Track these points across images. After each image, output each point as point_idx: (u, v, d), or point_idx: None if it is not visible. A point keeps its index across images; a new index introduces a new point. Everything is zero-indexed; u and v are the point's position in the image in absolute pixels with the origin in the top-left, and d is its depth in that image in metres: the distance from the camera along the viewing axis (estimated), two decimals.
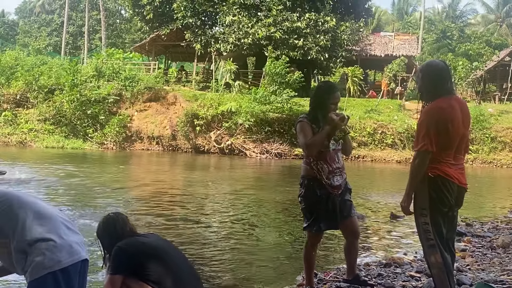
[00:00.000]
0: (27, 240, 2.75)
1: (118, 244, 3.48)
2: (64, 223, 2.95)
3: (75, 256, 2.82)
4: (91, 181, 13.39)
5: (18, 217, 2.79)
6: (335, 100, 4.35)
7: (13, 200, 2.88)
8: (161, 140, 26.58)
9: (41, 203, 3.01)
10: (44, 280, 2.70)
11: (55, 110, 27.15)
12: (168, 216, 8.79)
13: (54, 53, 45.04)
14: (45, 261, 2.71)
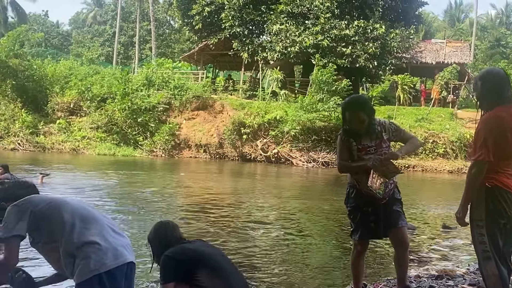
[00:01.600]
0: (75, 243, 2.83)
1: (166, 253, 3.55)
2: (110, 226, 3.03)
3: (120, 259, 2.88)
4: (142, 187, 13.64)
5: (65, 222, 2.88)
6: (358, 119, 4.10)
7: (60, 205, 2.98)
8: (208, 148, 26.84)
9: (87, 208, 3.10)
10: (90, 282, 2.77)
11: (107, 118, 27.89)
12: (216, 224, 8.84)
13: (106, 63, 46.33)
14: (91, 264, 2.78)
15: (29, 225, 2.85)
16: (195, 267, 3.50)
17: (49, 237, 2.89)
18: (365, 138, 4.17)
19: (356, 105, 4.19)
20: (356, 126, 4.13)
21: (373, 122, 4.18)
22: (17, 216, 2.84)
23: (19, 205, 2.90)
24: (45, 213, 2.90)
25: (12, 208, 2.90)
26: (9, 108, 28.72)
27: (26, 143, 27.04)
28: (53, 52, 47.72)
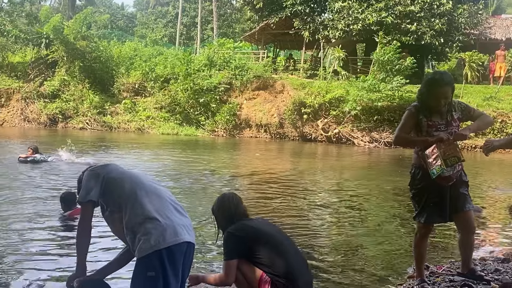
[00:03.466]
0: (137, 217, 2.93)
1: (229, 229, 3.67)
2: (173, 205, 3.10)
3: (180, 237, 2.94)
4: (204, 166, 13.89)
5: (132, 194, 2.98)
6: (444, 95, 4.01)
7: (131, 177, 3.09)
8: (268, 128, 26.88)
9: (154, 184, 3.17)
10: (149, 258, 2.85)
11: (170, 98, 28.45)
12: (276, 203, 8.89)
13: (169, 44, 47.10)
14: (151, 240, 2.86)
15: (100, 191, 2.99)
16: (255, 245, 3.59)
17: (115, 206, 3.01)
18: (435, 115, 4.08)
19: (446, 80, 4.08)
20: (438, 103, 4.03)
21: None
22: (92, 181, 3.00)
23: (94, 170, 3.09)
24: (115, 181, 3.03)
25: (88, 172, 3.08)
26: (77, 88, 29.79)
27: (94, 123, 28.06)
28: (119, 34, 48.95)
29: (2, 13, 37.35)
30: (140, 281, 2.88)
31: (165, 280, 2.86)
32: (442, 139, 3.91)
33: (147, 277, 2.83)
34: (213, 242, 3.97)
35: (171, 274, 2.88)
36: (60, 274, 4.73)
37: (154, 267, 2.83)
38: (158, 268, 2.83)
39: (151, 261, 2.84)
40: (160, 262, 2.84)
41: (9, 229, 6.25)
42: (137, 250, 2.90)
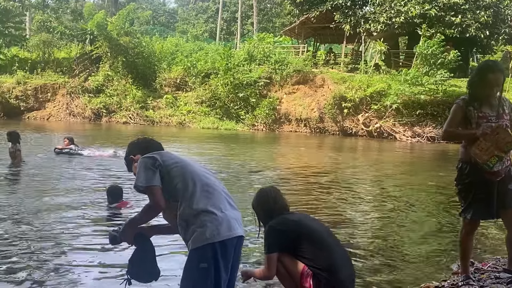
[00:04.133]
0: (193, 209, 2.96)
1: (270, 223, 3.70)
2: (227, 198, 3.13)
3: (233, 231, 2.97)
4: (244, 160, 13.95)
5: (188, 185, 3.02)
6: (496, 81, 3.94)
7: (186, 168, 3.11)
8: (308, 122, 26.79)
9: (210, 176, 3.19)
10: (204, 250, 2.90)
11: (211, 93, 28.69)
12: (316, 197, 8.87)
13: (210, 39, 47.42)
14: (207, 233, 2.89)
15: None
16: (297, 238, 3.61)
17: (170, 196, 3.04)
18: (486, 107, 4.01)
19: (499, 67, 4.04)
20: (490, 90, 3.97)
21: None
22: (150, 167, 3.03)
23: (150, 158, 3.08)
24: (170, 172, 3.05)
25: (145, 160, 3.08)
26: (121, 83, 30.36)
27: (137, 117, 28.56)
28: (160, 30, 49.62)
29: (48, 10, 38.41)
30: (192, 271, 2.93)
31: (217, 272, 2.90)
32: (486, 133, 3.83)
33: (199, 268, 2.89)
34: (256, 237, 3.98)
35: (223, 267, 2.92)
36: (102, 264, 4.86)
37: (207, 259, 2.88)
38: (210, 260, 2.88)
39: (204, 253, 2.89)
40: (213, 254, 2.88)
41: (54, 220, 6.44)
42: (191, 240, 2.95)
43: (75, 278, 4.45)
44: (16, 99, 29.82)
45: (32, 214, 6.61)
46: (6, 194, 7.93)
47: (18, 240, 5.41)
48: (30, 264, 4.70)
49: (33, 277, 4.38)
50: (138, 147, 3.38)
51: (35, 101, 30.29)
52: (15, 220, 6.25)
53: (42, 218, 6.40)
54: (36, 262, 4.76)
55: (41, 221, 6.24)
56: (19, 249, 5.13)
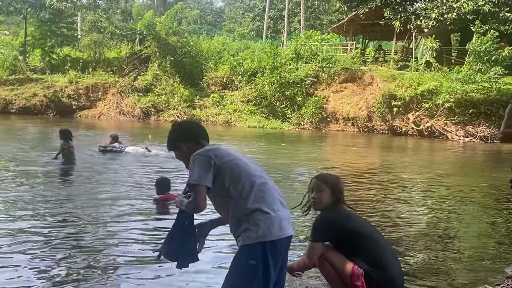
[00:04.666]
0: (246, 208, 2.92)
1: (323, 214, 3.69)
2: (279, 198, 3.06)
3: (284, 232, 2.94)
4: (291, 159, 13.81)
5: (243, 186, 2.95)
6: None
7: (242, 166, 3.03)
8: (356, 121, 26.39)
9: (264, 175, 3.11)
10: (254, 248, 2.87)
11: (257, 92, 28.66)
12: (364, 196, 8.64)
13: (257, 38, 47.46)
14: (259, 231, 2.86)
15: (212, 177, 2.97)
16: (346, 234, 3.59)
17: (224, 192, 2.99)
18: None
19: None
20: None
21: None
22: (205, 166, 2.95)
23: (205, 155, 3.00)
24: (226, 170, 2.98)
25: (200, 157, 2.99)
26: (169, 83, 30.74)
27: (184, 116, 28.81)
28: (208, 29, 50.11)
29: (99, 11, 39.31)
30: (240, 267, 2.92)
31: (265, 270, 2.88)
32: None
33: (248, 264, 2.87)
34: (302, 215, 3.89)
35: (272, 265, 2.90)
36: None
37: (256, 257, 2.86)
38: (259, 258, 2.86)
39: (254, 251, 2.87)
40: (263, 253, 2.86)
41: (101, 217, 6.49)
42: (241, 237, 2.92)
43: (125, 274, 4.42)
44: (68, 98, 30.64)
45: (86, 208, 6.68)
46: (60, 189, 8.06)
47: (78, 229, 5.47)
48: (84, 256, 4.73)
49: (89, 266, 4.39)
50: (184, 134, 3.28)
51: (87, 100, 31.05)
52: (71, 216, 6.32)
53: (98, 217, 6.45)
54: (90, 254, 4.78)
55: (97, 219, 6.29)
56: (80, 237, 5.18)
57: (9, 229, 5.62)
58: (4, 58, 33.87)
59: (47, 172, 9.82)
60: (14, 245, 5.05)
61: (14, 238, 5.30)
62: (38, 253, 4.85)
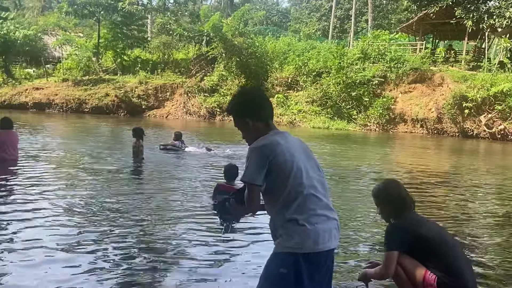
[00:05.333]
0: (285, 216, 2.82)
1: (394, 222, 3.65)
2: (326, 206, 2.90)
3: (320, 246, 2.79)
4: (356, 160, 13.61)
5: (290, 191, 2.83)
6: None
7: (295, 169, 2.86)
8: (425, 122, 25.70)
9: (316, 183, 2.93)
10: (285, 257, 2.79)
11: (322, 92, 28.43)
12: (432, 201, 8.38)
13: (322, 38, 47.10)
14: (291, 242, 2.77)
15: (265, 174, 2.85)
16: (421, 241, 3.52)
17: (271, 191, 2.90)
18: None
19: None
20: None
21: None
22: (259, 163, 2.83)
23: (261, 150, 2.86)
24: (278, 171, 2.84)
25: (257, 153, 2.86)
26: (234, 83, 31.03)
27: None
28: (273, 29, 50.16)
29: (168, 13, 40.27)
30: (272, 274, 2.83)
31: (297, 280, 2.77)
32: None
33: (278, 272, 2.79)
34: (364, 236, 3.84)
35: (305, 277, 2.78)
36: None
37: (288, 266, 2.76)
38: (291, 267, 2.76)
39: (285, 260, 2.78)
40: (295, 263, 2.76)
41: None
42: (276, 243, 2.87)
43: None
44: (138, 98, 31.54)
45: (153, 206, 6.85)
46: (128, 186, 8.31)
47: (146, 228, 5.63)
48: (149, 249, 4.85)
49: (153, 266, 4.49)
50: (255, 110, 3.04)
51: (155, 100, 31.85)
52: (143, 214, 6.50)
53: (165, 216, 6.60)
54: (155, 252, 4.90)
55: (163, 219, 6.44)
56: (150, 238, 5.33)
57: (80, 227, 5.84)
58: (79, 60, 35.40)
59: (117, 169, 10.14)
60: (84, 242, 5.24)
61: (85, 235, 5.50)
62: (103, 250, 5.01)
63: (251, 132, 3.02)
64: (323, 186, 2.96)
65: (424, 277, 3.44)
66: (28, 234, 5.39)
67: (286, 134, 3.02)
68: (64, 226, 5.79)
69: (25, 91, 32.91)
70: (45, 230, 5.57)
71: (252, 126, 3.01)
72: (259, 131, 2.98)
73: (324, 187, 2.97)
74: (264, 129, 2.99)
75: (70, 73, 34.93)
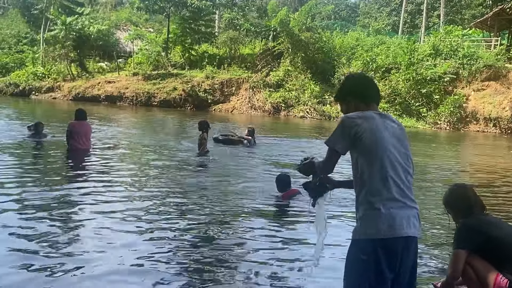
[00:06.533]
0: (362, 196, 2.78)
1: (464, 221, 3.57)
2: (406, 193, 2.78)
3: (397, 231, 2.68)
4: (427, 159, 13.19)
5: (372, 171, 2.75)
6: None
7: (382, 148, 2.77)
8: (498, 122, 24.65)
9: (400, 168, 2.80)
10: (362, 243, 2.74)
11: (390, 89, 27.77)
12: (502, 202, 7.97)
13: (392, 33, 46.02)
14: (367, 228, 2.73)
15: (349, 145, 2.82)
16: (491, 242, 3.41)
17: (355, 166, 2.84)
18: None
19: None
20: None
21: None
22: (346, 132, 2.80)
23: (351, 121, 2.81)
24: (362, 144, 2.77)
25: (345, 120, 2.84)
26: (299, 79, 30.89)
27: (314, 112, 28.79)
28: (341, 24, 49.46)
29: (235, 8, 40.59)
30: (353, 261, 2.78)
31: (378, 267, 2.69)
32: None
33: (359, 259, 2.73)
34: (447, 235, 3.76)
35: (385, 264, 2.69)
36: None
37: (367, 252, 2.70)
38: (370, 253, 2.69)
39: (363, 246, 2.73)
40: (373, 249, 2.68)
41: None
42: (354, 229, 2.82)
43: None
44: (204, 92, 32.01)
45: (215, 202, 6.90)
46: (189, 178, 8.42)
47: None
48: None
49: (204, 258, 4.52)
50: (358, 90, 3.04)
51: (221, 95, 32.20)
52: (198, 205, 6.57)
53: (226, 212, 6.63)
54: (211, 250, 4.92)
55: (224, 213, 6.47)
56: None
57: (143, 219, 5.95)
58: (149, 54, 36.33)
59: (183, 161, 10.31)
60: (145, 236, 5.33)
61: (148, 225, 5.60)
62: (169, 240, 5.07)
63: (351, 110, 2.97)
64: (407, 174, 2.83)
65: (495, 281, 3.30)
66: (100, 222, 5.56)
67: (387, 116, 2.97)
68: (131, 211, 5.95)
69: (97, 84, 34.21)
70: (114, 218, 5.72)
71: (353, 106, 2.98)
72: (358, 110, 2.94)
73: (408, 176, 2.83)
74: (365, 110, 2.93)
75: (140, 67, 35.96)
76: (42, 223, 5.32)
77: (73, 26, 36.79)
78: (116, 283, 3.99)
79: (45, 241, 4.76)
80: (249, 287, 4.07)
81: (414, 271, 2.85)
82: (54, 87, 35.91)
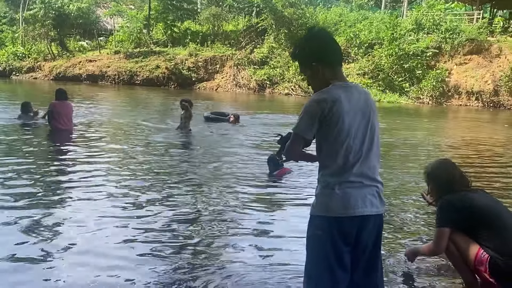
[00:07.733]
0: (319, 174, 2.79)
1: (446, 197, 3.54)
2: (362, 173, 2.73)
3: (350, 211, 2.66)
4: (408, 134, 13.31)
5: (334, 154, 2.71)
6: None
7: (345, 133, 2.69)
8: (481, 95, 24.86)
9: (364, 149, 2.75)
10: (316, 220, 2.75)
11: (374, 64, 27.83)
12: (486, 175, 8.10)
13: (375, 8, 45.86)
14: (320, 204, 2.73)
15: (315, 129, 2.70)
16: (474, 218, 3.41)
17: (319, 146, 2.78)
18: None
19: None
20: None
21: None
22: (312, 116, 2.68)
23: (319, 104, 2.68)
24: (327, 126, 2.68)
25: (312, 104, 2.70)
26: (283, 55, 30.77)
27: (298, 89, 28.78)
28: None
29: None
30: (310, 235, 2.78)
31: (334, 243, 2.69)
32: None
33: (315, 233, 2.74)
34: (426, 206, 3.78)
35: (340, 241, 2.69)
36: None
37: (322, 228, 2.70)
38: (326, 229, 2.69)
39: (318, 222, 2.73)
40: (329, 225, 2.68)
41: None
42: (311, 204, 2.80)
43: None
44: (188, 70, 31.80)
45: (204, 181, 6.92)
46: (176, 158, 8.43)
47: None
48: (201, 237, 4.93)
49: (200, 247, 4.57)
50: (326, 55, 2.81)
51: (205, 72, 32.02)
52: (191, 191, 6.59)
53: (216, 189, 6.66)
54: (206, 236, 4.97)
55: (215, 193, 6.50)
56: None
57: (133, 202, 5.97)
58: (130, 32, 35.87)
59: (166, 139, 10.31)
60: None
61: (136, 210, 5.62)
62: (159, 215, 5.09)
63: (317, 78, 2.81)
64: (369, 152, 2.77)
65: (476, 256, 3.35)
66: (88, 204, 5.57)
67: (352, 89, 2.78)
68: (119, 188, 5.95)
69: (79, 64, 33.83)
70: (99, 199, 5.74)
71: (318, 72, 2.79)
72: (325, 78, 2.78)
73: (370, 153, 2.78)
74: (330, 76, 2.78)
75: (122, 45, 35.54)
76: (22, 209, 5.25)
77: (53, 4, 36.14)
78: (103, 270, 3.94)
79: (26, 227, 4.69)
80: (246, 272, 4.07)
81: (378, 245, 2.85)
82: (34, 67, 35.45)
